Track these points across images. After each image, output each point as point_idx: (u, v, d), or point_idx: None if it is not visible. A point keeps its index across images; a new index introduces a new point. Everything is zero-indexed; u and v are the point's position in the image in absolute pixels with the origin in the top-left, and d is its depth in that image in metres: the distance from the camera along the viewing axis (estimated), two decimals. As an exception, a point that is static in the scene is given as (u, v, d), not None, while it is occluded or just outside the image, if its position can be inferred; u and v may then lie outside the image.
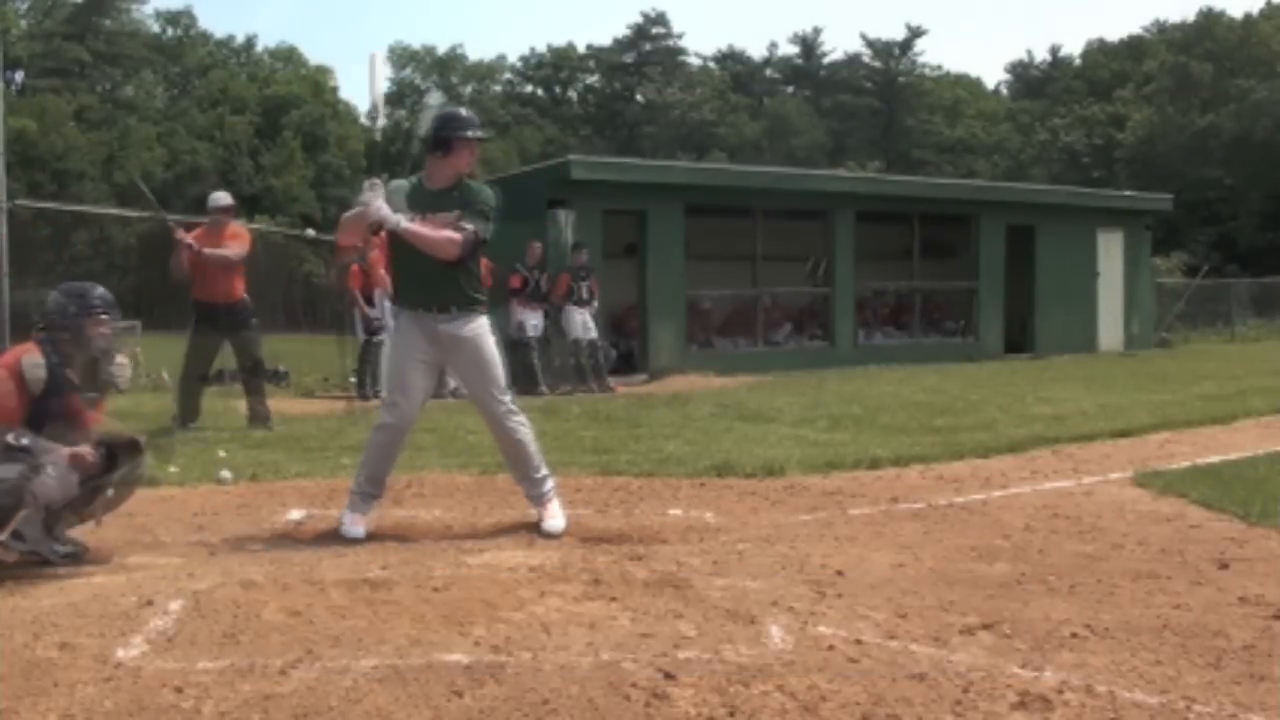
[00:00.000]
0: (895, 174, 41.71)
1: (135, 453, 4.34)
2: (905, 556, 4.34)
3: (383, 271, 9.62)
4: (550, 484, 4.89)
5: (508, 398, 4.86)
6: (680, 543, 4.55)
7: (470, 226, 4.67)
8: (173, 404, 8.96)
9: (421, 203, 4.72)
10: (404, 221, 4.61)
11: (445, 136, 4.77)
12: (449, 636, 3.28)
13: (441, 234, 4.65)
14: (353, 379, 11.96)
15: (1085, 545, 4.57)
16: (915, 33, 72.73)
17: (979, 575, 4.06)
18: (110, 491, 4.24)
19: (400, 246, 4.78)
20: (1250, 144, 44.11)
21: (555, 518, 4.80)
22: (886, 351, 17.04)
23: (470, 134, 4.81)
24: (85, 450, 4.15)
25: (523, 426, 4.86)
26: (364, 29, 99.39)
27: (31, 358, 4.17)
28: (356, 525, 4.69)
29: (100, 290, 4.38)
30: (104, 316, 4.32)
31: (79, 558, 4.21)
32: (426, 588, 3.79)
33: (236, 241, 8.84)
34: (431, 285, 4.73)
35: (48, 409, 4.15)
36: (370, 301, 11.07)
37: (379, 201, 4.59)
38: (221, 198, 9.11)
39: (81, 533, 4.34)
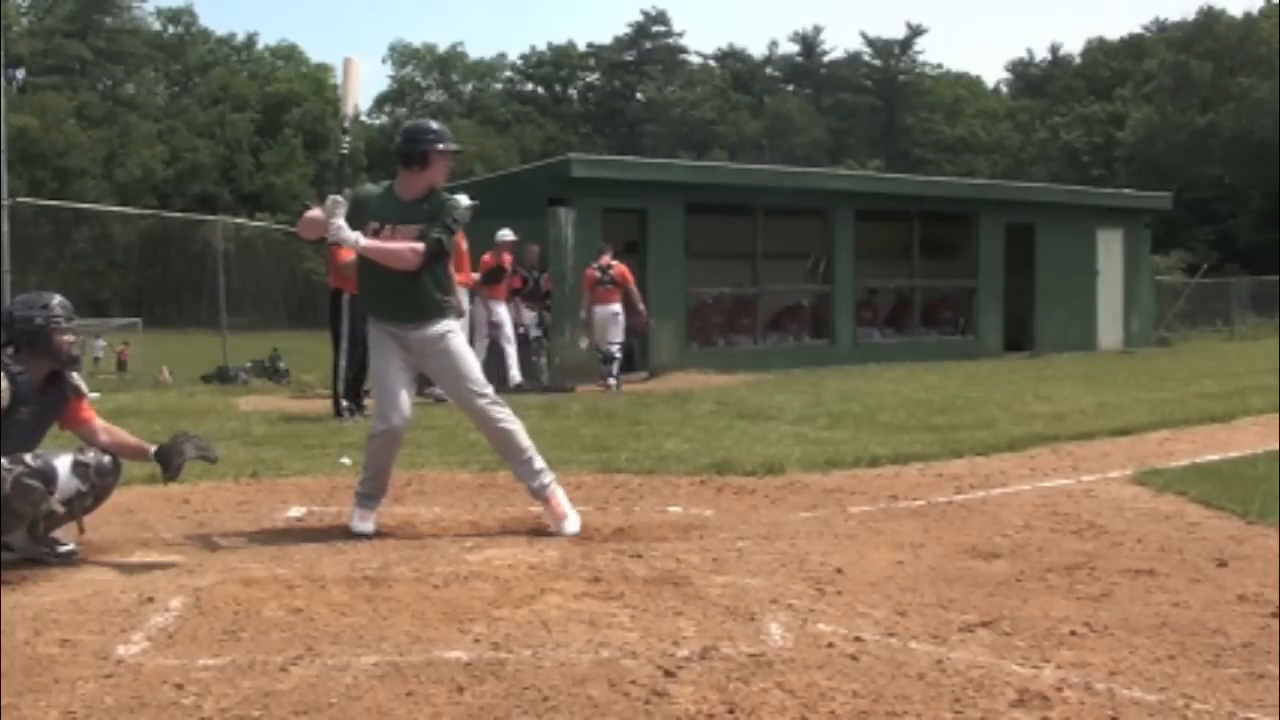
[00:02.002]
0: (895, 172, 41.69)
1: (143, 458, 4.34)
2: (904, 554, 4.34)
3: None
4: (550, 475, 4.83)
5: (488, 391, 4.85)
6: (680, 540, 4.56)
7: (435, 235, 4.67)
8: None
9: (391, 213, 4.71)
10: (362, 240, 4.61)
11: (423, 151, 4.74)
12: (449, 634, 3.29)
13: (401, 246, 4.64)
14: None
15: (1084, 543, 4.57)
16: (915, 31, 72.85)
17: (978, 573, 4.06)
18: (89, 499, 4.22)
19: (365, 259, 4.78)
20: (1250, 142, 44.13)
21: (567, 519, 4.73)
22: (886, 350, 17.05)
23: (444, 146, 4.78)
24: (89, 457, 4.14)
25: (508, 417, 4.82)
26: (365, 27, 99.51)
27: None
28: (365, 521, 4.70)
29: (59, 298, 4.33)
30: (67, 325, 4.28)
31: (75, 556, 4.20)
32: (427, 585, 3.80)
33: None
34: (398, 296, 4.73)
35: (18, 419, 4.09)
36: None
37: (338, 221, 4.57)
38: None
39: (70, 533, 4.32)
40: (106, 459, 4.22)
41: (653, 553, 4.30)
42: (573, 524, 4.72)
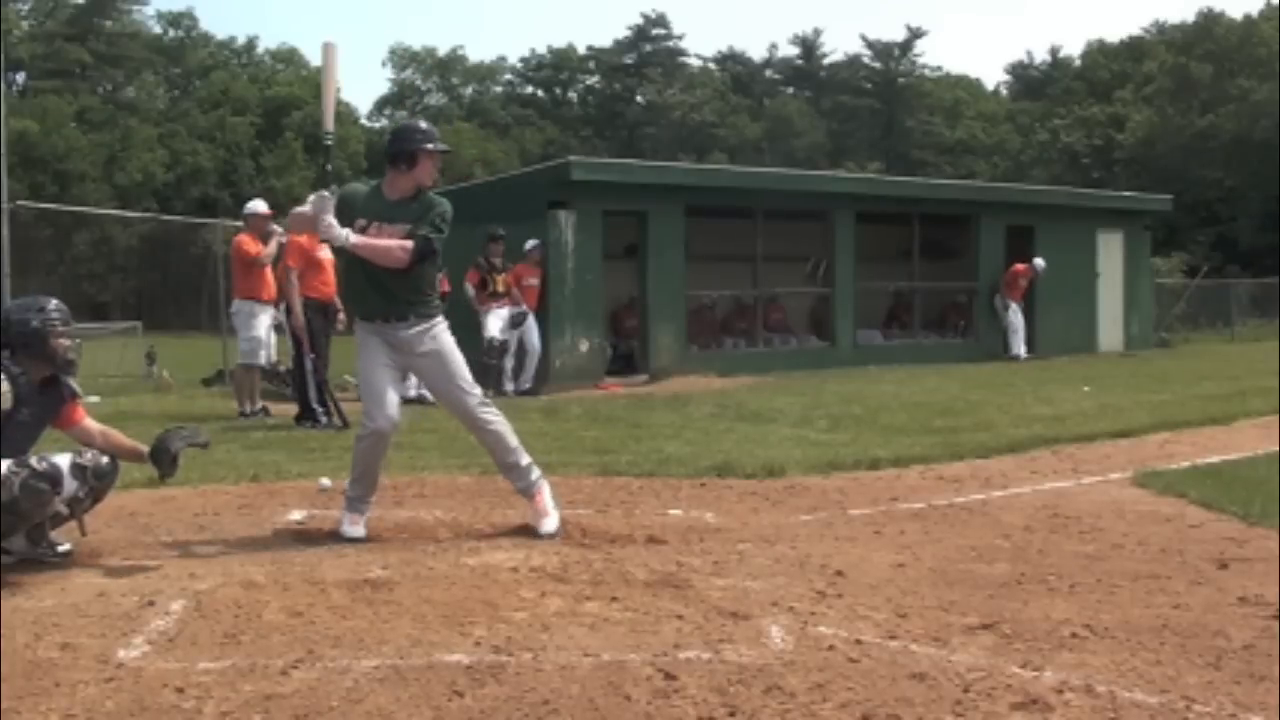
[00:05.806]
0: (895, 175, 41.67)
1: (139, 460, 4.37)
2: (905, 556, 4.34)
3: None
4: (536, 472, 4.87)
5: (477, 391, 4.86)
6: (680, 543, 4.56)
7: (424, 234, 4.65)
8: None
9: (379, 212, 4.71)
10: (352, 237, 4.60)
11: (410, 150, 4.73)
12: (450, 636, 3.29)
13: (390, 243, 4.63)
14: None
15: (1085, 545, 4.57)
16: (915, 34, 72.74)
17: (979, 575, 4.06)
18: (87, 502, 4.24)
19: (354, 257, 4.76)
20: (1250, 144, 44.07)
21: (548, 517, 4.77)
22: (886, 352, 17.03)
23: (433, 147, 4.77)
24: (87, 459, 4.15)
25: (496, 417, 4.84)
26: (364, 30, 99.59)
27: None
28: (355, 525, 4.69)
29: (56, 302, 4.36)
30: (64, 328, 4.30)
31: (72, 555, 4.21)
32: (427, 588, 3.80)
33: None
34: (386, 295, 4.71)
35: (19, 420, 4.12)
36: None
37: (328, 218, 4.58)
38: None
39: (71, 534, 4.32)
40: (105, 460, 4.23)
41: (653, 555, 4.30)
42: (551, 523, 4.74)
